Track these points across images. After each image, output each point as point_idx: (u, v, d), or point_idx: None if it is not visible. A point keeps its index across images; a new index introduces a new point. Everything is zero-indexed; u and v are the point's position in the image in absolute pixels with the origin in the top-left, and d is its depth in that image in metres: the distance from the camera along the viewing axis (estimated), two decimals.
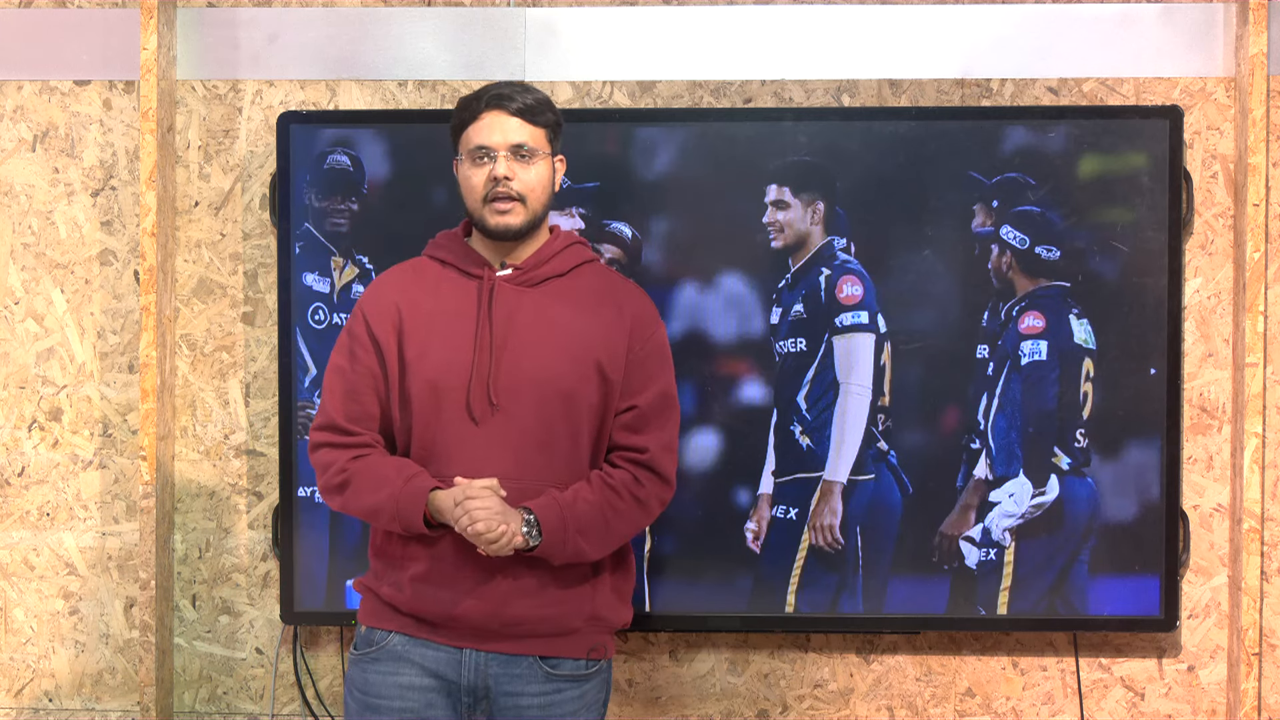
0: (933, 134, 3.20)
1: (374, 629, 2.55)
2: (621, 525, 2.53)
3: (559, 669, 2.51)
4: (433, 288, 2.56)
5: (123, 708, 3.38)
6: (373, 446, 2.54)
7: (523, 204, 2.50)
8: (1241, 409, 3.20)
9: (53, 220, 3.37)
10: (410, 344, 2.52)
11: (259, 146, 3.34)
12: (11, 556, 3.38)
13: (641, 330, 2.58)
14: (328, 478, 2.54)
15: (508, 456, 2.47)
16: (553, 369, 2.49)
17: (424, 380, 2.50)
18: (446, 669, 2.50)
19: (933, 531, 3.21)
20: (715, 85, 3.33)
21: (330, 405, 2.56)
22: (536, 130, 2.53)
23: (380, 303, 2.57)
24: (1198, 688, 3.31)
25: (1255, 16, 3.16)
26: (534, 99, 2.53)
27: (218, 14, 3.34)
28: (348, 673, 2.60)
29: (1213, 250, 3.27)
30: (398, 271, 2.65)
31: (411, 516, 2.44)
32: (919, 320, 3.20)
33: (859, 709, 3.33)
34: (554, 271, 2.56)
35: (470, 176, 2.53)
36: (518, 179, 2.50)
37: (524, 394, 2.48)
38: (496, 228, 2.51)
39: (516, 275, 2.54)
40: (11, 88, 3.37)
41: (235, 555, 3.37)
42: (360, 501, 2.51)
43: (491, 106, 2.51)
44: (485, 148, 2.50)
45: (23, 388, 3.37)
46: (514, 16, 3.33)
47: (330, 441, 2.55)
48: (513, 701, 2.50)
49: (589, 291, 2.58)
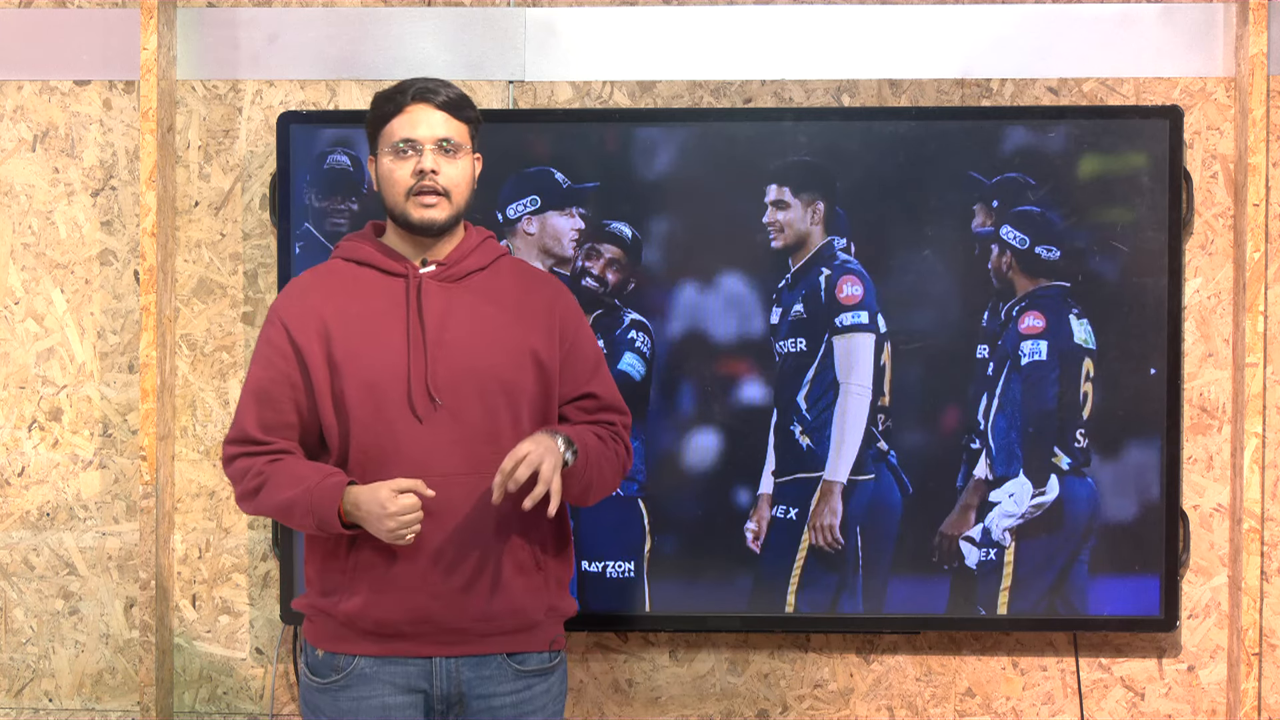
0: (933, 134, 3.20)
1: (335, 654, 2.48)
2: (609, 478, 2.54)
3: (526, 664, 2.50)
4: (354, 289, 2.50)
5: (123, 708, 3.38)
6: (289, 453, 2.49)
7: (447, 199, 2.47)
8: (1241, 409, 3.20)
9: (53, 220, 3.37)
10: (339, 347, 2.46)
11: (259, 146, 3.34)
12: (11, 556, 3.38)
13: (571, 319, 2.57)
14: (244, 484, 2.47)
15: (456, 451, 2.44)
16: (490, 361, 2.46)
17: (360, 382, 2.44)
18: (419, 681, 2.46)
19: (933, 531, 3.21)
20: (715, 85, 3.33)
21: (244, 417, 2.49)
22: (460, 125, 2.49)
23: (300, 309, 2.49)
24: (1198, 688, 3.31)
25: (1255, 16, 3.16)
26: (457, 94, 2.51)
27: (218, 14, 3.34)
28: (308, 699, 2.52)
29: (1213, 250, 3.27)
30: (312, 276, 2.57)
31: (326, 509, 2.38)
32: (919, 320, 3.20)
33: (859, 709, 3.33)
34: (475, 265, 2.53)
35: (393, 170, 2.47)
36: (443, 173, 2.46)
37: (465, 388, 2.45)
38: (421, 222, 2.46)
39: (441, 271, 2.50)
40: (11, 88, 3.37)
41: (235, 555, 3.37)
42: (274, 497, 2.43)
43: (417, 99, 2.47)
44: (411, 140, 2.46)
45: (23, 388, 3.37)
46: (514, 16, 3.33)
47: (244, 452, 2.48)
48: (485, 704, 2.47)
49: (512, 284, 2.56)
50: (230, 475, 2.51)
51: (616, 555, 3.23)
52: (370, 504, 2.36)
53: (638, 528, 3.22)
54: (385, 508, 2.35)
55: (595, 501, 2.55)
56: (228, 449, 2.51)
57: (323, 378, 2.47)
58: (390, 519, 2.35)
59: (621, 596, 3.23)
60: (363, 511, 2.37)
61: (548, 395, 2.52)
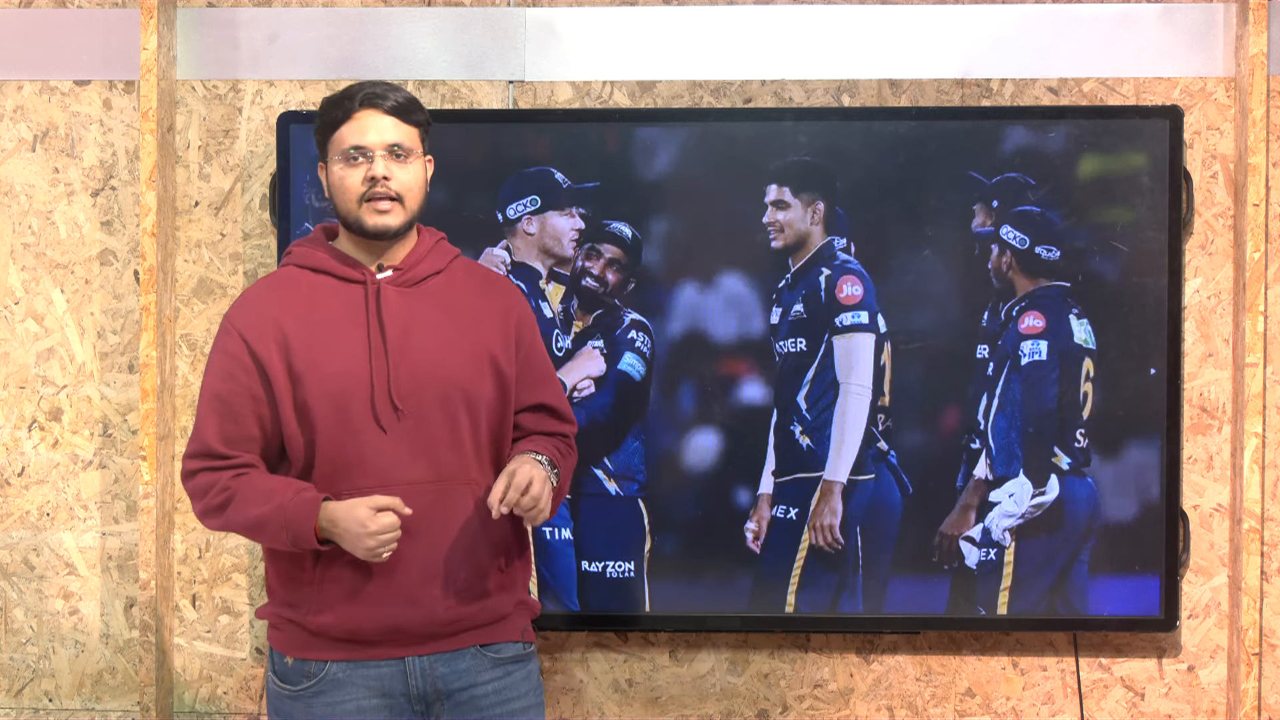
0: (933, 134, 3.20)
1: (305, 660, 2.45)
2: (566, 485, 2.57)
3: (502, 653, 2.49)
4: (311, 297, 2.47)
5: (123, 708, 3.38)
6: (254, 466, 2.46)
7: (401, 204, 2.44)
8: (1241, 409, 3.20)
9: (53, 220, 3.37)
10: (299, 357, 2.42)
11: (259, 146, 3.34)
12: (11, 556, 3.38)
13: (527, 326, 2.57)
14: (208, 499, 2.43)
15: (420, 460, 2.42)
16: (451, 367, 2.45)
17: (322, 392, 2.41)
18: (391, 683, 2.44)
19: (933, 531, 3.21)
20: (715, 85, 3.33)
21: (205, 430, 2.44)
22: (410, 129, 2.47)
23: (257, 319, 2.45)
24: (1198, 688, 3.31)
25: (1255, 16, 3.16)
26: (405, 98, 2.48)
27: (218, 14, 3.34)
28: (278, 707, 2.49)
29: (1213, 250, 3.27)
30: (267, 285, 2.53)
31: (302, 525, 2.35)
32: (919, 320, 3.20)
33: (859, 709, 3.33)
34: (431, 270, 2.51)
35: (344, 177, 2.44)
36: (395, 178, 2.43)
37: (427, 395, 2.43)
38: (375, 228, 2.43)
39: (397, 276, 2.47)
40: (11, 88, 3.37)
41: (235, 555, 3.37)
42: (244, 514, 2.39)
43: (365, 105, 2.44)
44: (361, 147, 2.43)
45: (23, 388, 3.37)
46: (514, 16, 3.33)
47: (208, 466, 2.45)
48: (468, 695, 2.46)
49: (468, 288, 2.54)
50: (190, 490, 2.46)
51: (616, 555, 3.23)
52: (348, 522, 2.34)
53: (638, 528, 3.22)
54: (365, 526, 2.33)
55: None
56: (188, 463, 2.46)
57: (284, 388, 2.43)
58: (370, 537, 2.33)
59: (621, 596, 3.23)
60: (340, 529, 2.35)
61: (505, 401, 2.51)
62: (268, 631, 2.52)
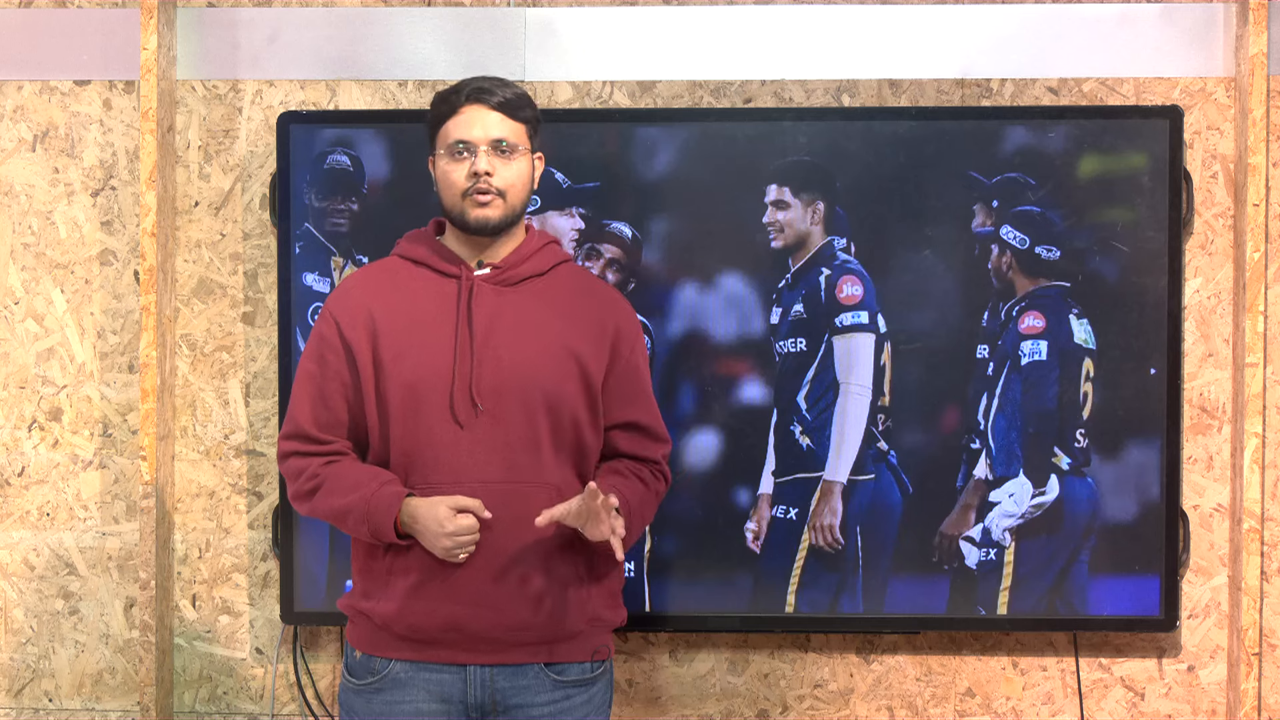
0: (933, 134, 3.20)
1: (371, 656, 2.48)
2: (648, 518, 2.55)
3: (565, 674, 2.47)
4: (406, 288, 2.50)
5: (123, 708, 3.38)
6: (344, 454, 2.49)
7: (503, 199, 2.45)
8: (1241, 409, 3.20)
9: (53, 220, 3.37)
10: (386, 347, 2.45)
11: (259, 146, 3.34)
12: (11, 556, 3.38)
13: (628, 340, 2.55)
14: (299, 484, 2.48)
15: (495, 459, 2.42)
16: (535, 369, 2.44)
17: (402, 384, 2.43)
18: (452, 689, 2.45)
19: (933, 531, 3.21)
20: (715, 85, 3.33)
21: (299, 413, 2.49)
22: (517, 125, 2.47)
23: (351, 305, 2.49)
24: (1198, 688, 3.31)
25: (1255, 16, 3.17)
26: (514, 93, 2.48)
27: (218, 14, 3.34)
28: (344, 699, 2.53)
29: (1213, 250, 3.27)
30: (368, 273, 2.57)
31: (382, 520, 2.38)
32: (919, 320, 3.20)
33: (859, 709, 3.33)
34: (533, 271, 2.51)
35: (449, 172, 2.46)
36: (498, 174, 2.44)
37: (508, 395, 2.43)
38: (476, 221, 2.45)
39: (495, 274, 2.48)
40: (11, 88, 3.37)
41: (235, 555, 3.37)
42: (329, 503, 2.44)
43: (472, 100, 2.45)
44: (465, 142, 2.44)
45: (23, 388, 3.37)
46: (514, 16, 3.33)
47: (300, 450, 2.49)
48: (523, 713, 2.45)
49: (568, 292, 2.54)
50: (285, 472, 2.52)
51: None
52: (428, 520, 2.37)
53: None
54: (443, 526, 2.36)
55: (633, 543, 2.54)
56: (283, 444, 2.51)
57: (369, 376, 2.46)
58: (447, 538, 2.36)
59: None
60: (420, 526, 2.38)
61: (592, 408, 2.49)
62: (345, 626, 2.56)
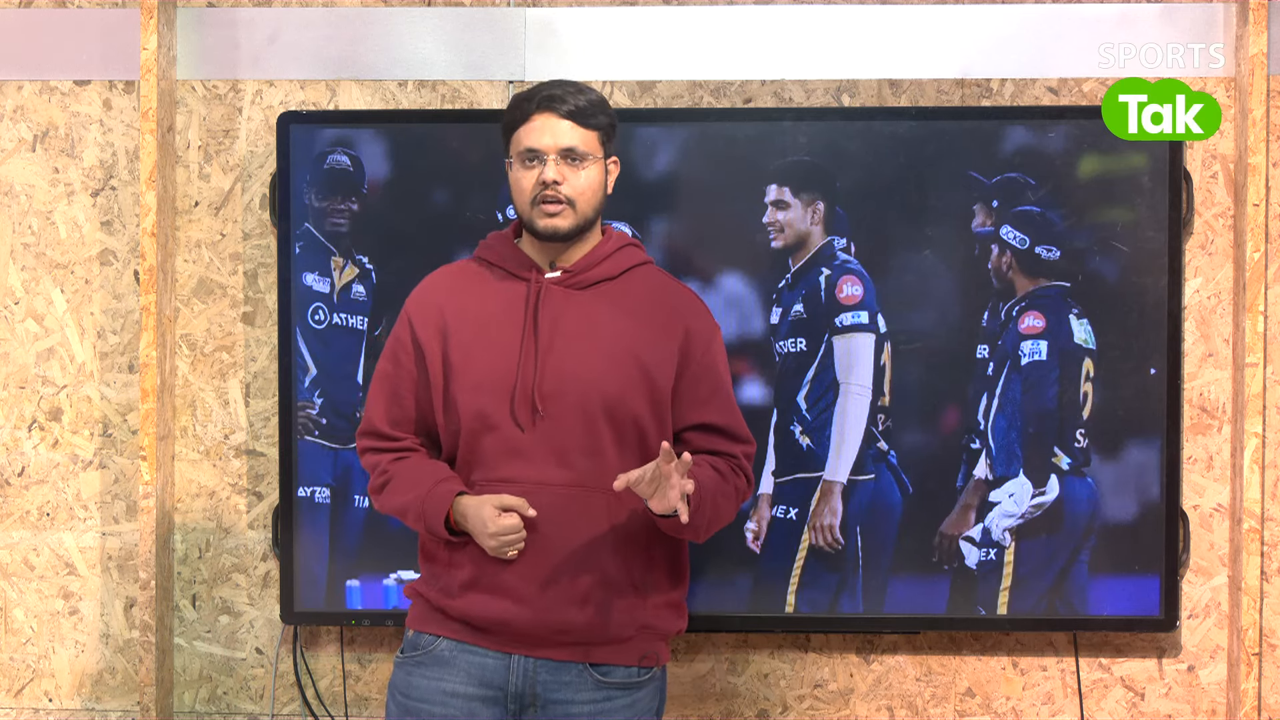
0: (933, 134, 3.20)
1: (421, 633, 2.51)
2: (725, 512, 2.49)
3: (610, 676, 2.47)
4: (479, 290, 2.52)
5: (123, 708, 3.38)
6: (414, 450, 2.54)
7: (572, 207, 2.45)
8: (1241, 409, 3.20)
9: (53, 220, 3.37)
10: (455, 348, 2.48)
11: (259, 146, 3.34)
12: (11, 556, 3.38)
13: (700, 341, 2.53)
14: (373, 480, 2.55)
15: (554, 462, 2.43)
16: (596, 373, 2.44)
17: (469, 385, 2.46)
18: (494, 675, 2.46)
19: (933, 531, 3.21)
20: (715, 85, 3.33)
21: (373, 410, 2.55)
22: (588, 133, 2.46)
23: (425, 305, 2.53)
24: (1198, 688, 3.31)
25: (1255, 16, 3.17)
26: (586, 101, 2.46)
27: (218, 14, 3.34)
28: (392, 675, 2.55)
29: (1213, 250, 3.27)
30: (445, 273, 2.60)
31: (434, 518, 2.42)
32: (919, 320, 3.20)
33: (859, 709, 3.33)
34: (605, 274, 2.51)
35: (520, 179, 2.47)
36: (567, 183, 2.44)
37: (569, 399, 2.43)
38: (545, 230, 2.46)
39: (566, 278, 2.49)
40: (11, 88, 3.37)
41: (235, 555, 3.37)
42: (392, 500, 2.50)
43: (543, 108, 2.45)
44: (535, 150, 2.44)
45: (23, 388, 3.37)
46: (514, 16, 3.33)
47: (374, 446, 2.55)
48: (562, 709, 2.45)
49: (640, 296, 2.53)
50: (364, 466, 2.59)
51: None
52: (475, 519, 2.41)
53: None
54: (487, 526, 2.39)
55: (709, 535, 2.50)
56: (360, 441, 2.59)
57: (438, 376, 2.50)
58: (492, 537, 2.39)
59: None
60: (470, 524, 2.42)
61: (658, 414, 2.48)
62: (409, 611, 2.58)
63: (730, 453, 2.53)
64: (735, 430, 2.54)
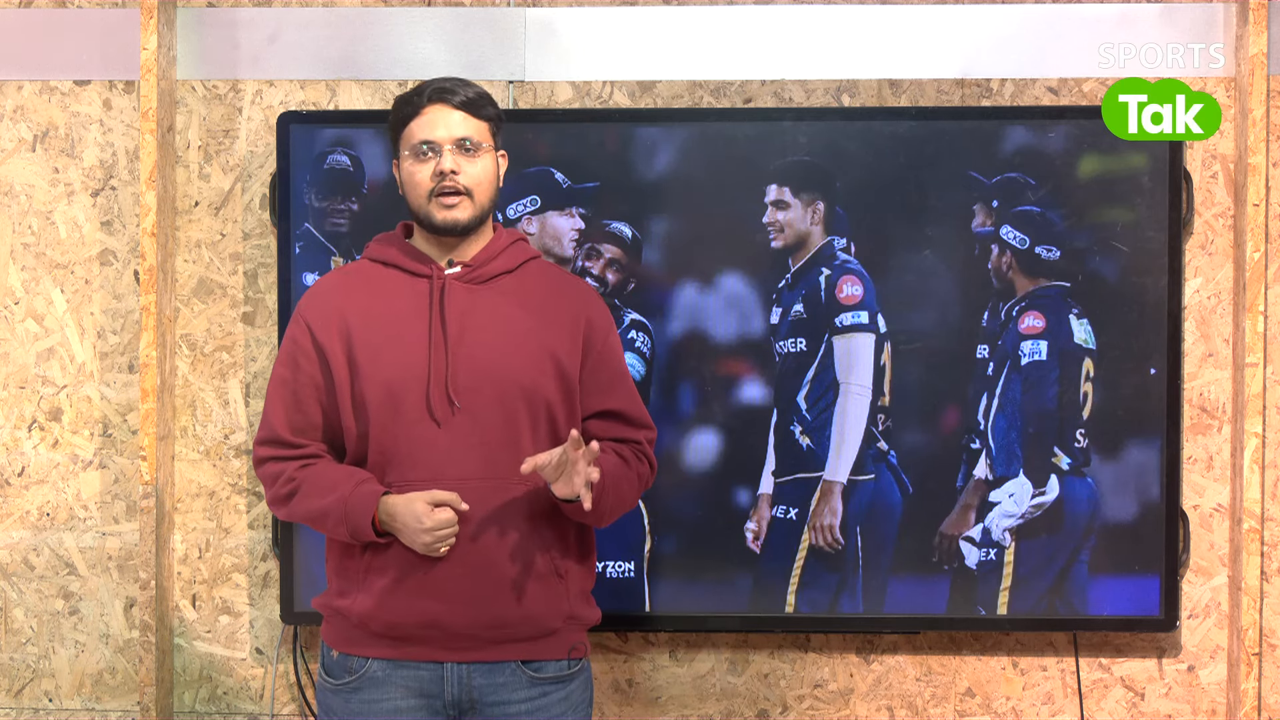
0: (933, 134, 3.20)
1: (348, 655, 2.48)
2: (628, 498, 2.51)
3: (542, 672, 2.48)
4: (378, 290, 2.50)
5: (123, 708, 3.38)
6: (319, 456, 2.50)
7: (470, 198, 2.46)
8: (1241, 409, 3.20)
9: (53, 220, 3.37)
10: (360, 348, 2.46)
11: (259, 146, 3.34)
12: (11, 556, 3.38)
13: (600, 330, 2.55)
14: (276, 489, 2.49)
15: (473, 456, 2.43)
16: (511, 365, 2.45)
17: (379, 383, 2.44)
18: (430, 686, 2.45)
19: (933, 531, 3.21)
20: (715, 85, 3.33)
21: (273, 417, 2.50)
22: (480, 124, 2.48)
23: (323, 309, 2.50)
24: (1198, 688, 3.31)
25: (1255, 16, 3.17)
26: (476, 92, 2.49)
27: (218, 14, 3.34)
28: (322, 699, 2.53)
29: (1213, 250, 3.27)
30: (337, 276, 2.58)
31: (359, 519, 2.39)
32: (919, 320, 3.20)
33: (859, 709, 3.33)
34: (503, 268, 2.52)
35: (414, 172, 2.47)
36: (464, 173, 2.45)
37: (484, 392, 2.43)
38: (444, 223, 2.46)
39: (466, 272, 2.49)
40: (11, 88, 3.37)
41: (235, 555, 3.37)
42: (307, 505, 2.44)
43: (434, 100, 2.46)
44: (430, 142, 2.45)
45: (23, 388, 3.37)
46: (514, 16, 3.33)
47: (275, 455, 2.50)
48: (500, 710, 2.46)
49: (540, 288, 2.54)
50: (261, 477, 2.53)
51: (616, 555, 3.23)
52: (406, 516, 2.38)
53: (638, 527, 3.22)
54: (422, 521, 2.36)
55: (612, 521, 2.52)
56: (258, 450, 2.52)
57: (343, 378, 2.47)
58: (426, 533, 2.37)
59: (621, 596, 3.23)
60: (398, 523, 2.39)
61: (570, 403, 2.50)
62: (321, 624, 2.55)
63: (634, 439, 2.55)
64: (637, 416, 2.56)
